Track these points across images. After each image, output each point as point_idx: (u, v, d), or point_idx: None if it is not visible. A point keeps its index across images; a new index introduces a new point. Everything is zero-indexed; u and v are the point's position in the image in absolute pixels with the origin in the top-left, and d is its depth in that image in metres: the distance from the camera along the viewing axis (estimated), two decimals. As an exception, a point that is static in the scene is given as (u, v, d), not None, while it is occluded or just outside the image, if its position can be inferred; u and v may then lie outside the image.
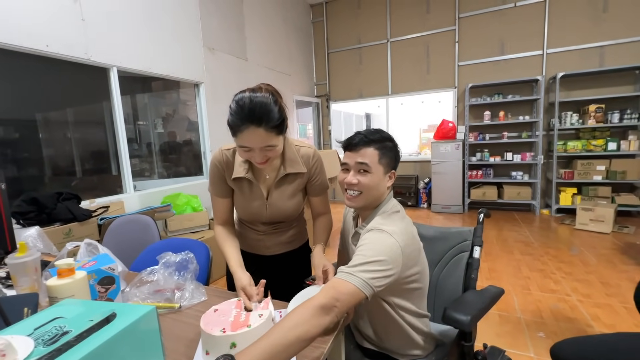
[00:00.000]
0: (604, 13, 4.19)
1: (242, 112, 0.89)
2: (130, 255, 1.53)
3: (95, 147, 3.25)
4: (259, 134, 0.90)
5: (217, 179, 1.11)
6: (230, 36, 4.02)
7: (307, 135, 6.61)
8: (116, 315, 0.61)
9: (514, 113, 4.79)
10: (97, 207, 2.37)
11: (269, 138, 0.92)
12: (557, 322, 2.03)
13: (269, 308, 0.83)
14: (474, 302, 1.01)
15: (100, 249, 1.10)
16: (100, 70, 2.70)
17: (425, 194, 5.32)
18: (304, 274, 1.27)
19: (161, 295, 0.99)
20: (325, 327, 0.70)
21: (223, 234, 1.13)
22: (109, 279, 0.89)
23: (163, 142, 4.01)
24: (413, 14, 5.26)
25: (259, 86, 0.94)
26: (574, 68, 4.30)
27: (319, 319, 0.69)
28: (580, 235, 3.63)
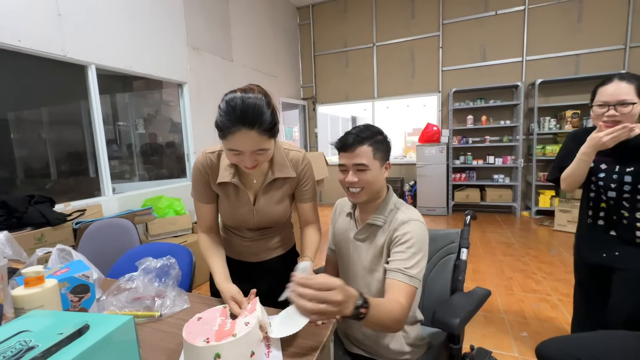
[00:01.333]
0: (578, 23, 4.38)
1: (234, 113, 0.83)
2: (108, 261, 1.46)
3: (72, 148, 3.11)
4: (251, 137, 0.85)
5: (200, 184, 1.05)
6: (215, 36, 3.96)
7: (293, 138, 6.58)
8: (89, 327, 0.57)
9: (495, 117, 4.92)
10: (72, 211, 2.26)
11: (261, 141, 0.88)
12: (539, 322, 2.07)
13: (257, 310, 0.80)
14: (462, 304, 1.01)
15: (74, 255, 1.03)
16: (78, 68, 2.59)
17: (411, 196, 5.38)
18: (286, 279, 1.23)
19: (140, 303, 0.94)
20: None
21: (207, 242, 1.07)
22: (82, 287, 0.83)
23: (144, 143, 3.89)
24: (398, 19, 5.34)
25: (250, 87, 0.89)
26: (551, 75, 4.47)
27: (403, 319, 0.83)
28: (558, 236, 3.75)
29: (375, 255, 1.00)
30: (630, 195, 1.25)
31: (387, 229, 0.98)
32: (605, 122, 1.21)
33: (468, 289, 1.15)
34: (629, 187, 1.24)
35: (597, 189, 1.34)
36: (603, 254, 1.34)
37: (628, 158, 1.24)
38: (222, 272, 1.00)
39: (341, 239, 1.10)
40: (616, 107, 1.19)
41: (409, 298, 0.85)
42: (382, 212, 1.00)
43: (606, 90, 1.23)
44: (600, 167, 1.32)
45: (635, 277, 1.25)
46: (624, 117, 1.18)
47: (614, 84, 1.22)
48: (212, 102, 3.41)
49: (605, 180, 1.30)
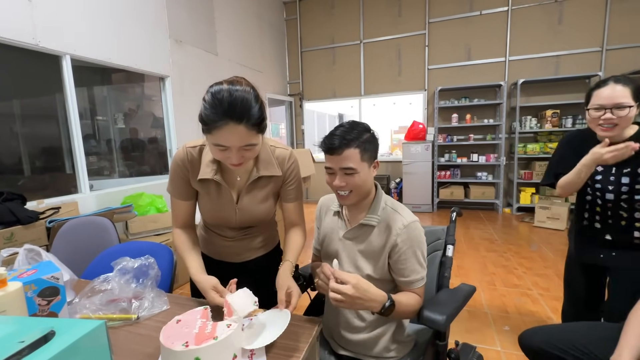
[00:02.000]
0: (559, 25, 4.50)
1: (221, 106, 0.78)
2: (83, 261, 1.39)
3: (46, 143, 2.97)
4: (239, 132, 0.81)
5: (179, 179, 1.00)
6: (199, 29, 3.85)
7: (279, 135, 6.51)
8: (55, 333, 0.52)
9: (479, 116, 5.01)
10: (45, 209, 2.15)
11: (249, 137, 0.83)
12: (520, 316, 2.12)
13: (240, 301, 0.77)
14: (449, 301, 1.00)
15: (44, 256, 0.97)
16: (52, 59, 2.46)
17: (397, 193, 5.42)
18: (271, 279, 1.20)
19: (116, 305, 0.89)
20: None
21: (182, 237, 1.03)
22: (51, 289, 0.78)
23: (125, 138, 3.75)
24: (385, 16, 5.35)
25: (237, 79, 0.84)
26: (533, 75, 4.58)
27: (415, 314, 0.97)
28: (538, 232, 3.86)
29: (370, 254, 0.98)
30: (628, 197, 1.24)
31: (385, 230, 0.96)
32: (601, 126, 1.21)
33: (453, 285, 1.16)
34: (627, 188, 1.23)
35: (594, 192, 1.33)
36: (600, 255, 1.33)
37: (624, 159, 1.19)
38: (198, 265, 0.97)
39: (329, 238, 1.07)
40: (612, 110, 1.18)
41: (423, 292, 0.99)
42: (375, 211, 0.98)
43: (602, 93, 1.21)
44: (597, 170, 1.30)
45: (631, 277, 1.26)
46: (621, 120, 1.17)
47: (609, 87, 1.20)
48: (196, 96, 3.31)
49: (602, 182, 1.29)
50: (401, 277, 0.96)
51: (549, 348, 1.06)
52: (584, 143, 1.31)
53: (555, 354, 1.05)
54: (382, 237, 0.96)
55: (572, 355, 1.02)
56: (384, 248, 0.96)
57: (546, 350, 1.07)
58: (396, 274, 0.97)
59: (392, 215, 0.98)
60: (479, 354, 1.33)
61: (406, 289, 0.97)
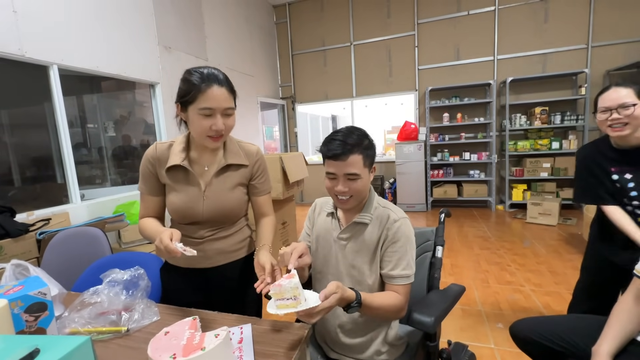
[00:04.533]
0: (545, 24, 4.57)
1: (203, 74, 0.93)
2: (75, 272, 1.38)
3: (36, 152, 2.94)
4: (222, 93, 0.93)
5: (148, 175, 1.05)
6: (188, 35, 3.84)
7: (273, 138, 6.51)
8: (39, 351, 0.53)
9: (470, 115, 5.06)
10: (35, 220, 2.13)
11: (230, 100, 0.96)
12: (513, 312, 2.15)
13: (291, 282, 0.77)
14: (438, 302, 1.02)
15: (32, 270, 0.96)
16: (39, 69, 2.44)
17: (391, 193, 5.45)
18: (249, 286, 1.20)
19: (105, 318, 0.89)
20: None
21: (146, 219, 1.06)
22: (39, 305, 0.78)
23: (116, 146, 3.73)
24: (375, 18, 5.39)
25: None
26: (521, 73, 4.64)
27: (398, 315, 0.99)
28: (530, 228, 3.91)
29: (365, 251, 1.00)
30: None
31: (378, 226, 0.99)
32: (611, 127, 1.27)
33: (446, 284, 1.17)
34: None
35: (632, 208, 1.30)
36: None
37: None
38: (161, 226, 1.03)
39: (322, 239, 1.08)
40: (618, 110, 1.24)
41: (407, 292, 0.97)
42: (368, 210, 1.01)
43: (607, 96, 1.28)
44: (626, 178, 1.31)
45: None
46: (629, 118, 1.22)
47: (612, 90, 1.27)
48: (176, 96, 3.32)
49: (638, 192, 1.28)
50: (385, 269, 0.98)
51: (537, 338, 1.10)
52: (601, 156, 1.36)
53: (542, 343, 1.09)
54: (376, 233, 0.99)
55: (557, 344, 1.06)
56: (378, 242, 0.99)
57: (534, 339, 1.11)
58: (382, 267, 0.99)
59: (384, 212, 1.01)
60: (471, 352, 1.35)
61: (389, 284, 0.98)
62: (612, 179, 1.34)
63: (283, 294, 0.77)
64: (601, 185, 1.36)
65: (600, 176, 1.36)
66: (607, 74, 4.34)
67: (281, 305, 0.77)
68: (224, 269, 1.11)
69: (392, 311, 0.94)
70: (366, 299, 0.87)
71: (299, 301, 0.76)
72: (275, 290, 0.77)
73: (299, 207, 1.17)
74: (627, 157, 1.30)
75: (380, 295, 0.95)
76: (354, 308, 0.85)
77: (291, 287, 0.76)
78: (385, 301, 0.93)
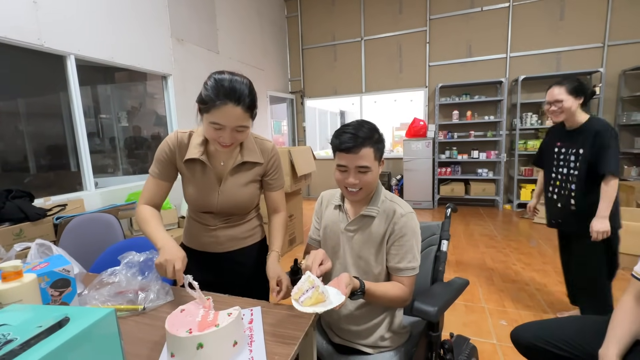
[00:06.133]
0: (560, 21, 4.48)
1: (222, 88, 0.91)
2: (90, 256, 1.44)
3: (51, 141, 3.02)
4: (236, 113, 0.92)
5: (164, 159, 1.07)
6: (200, 27, 3.88)
7: (281, 132, 6.54)
8: (69, 319, 0.57)
9: (480, 113, 5.01)
10: (52, 206, 2.20)
11: (244, 119, 0.95)
12: (517, 310, 2.16)
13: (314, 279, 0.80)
14: (441, 293, 1.04)
15: (54, 250, 1.02)
16: (56, 58, 2.51)
17: (398, 190, 5.45)
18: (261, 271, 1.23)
19: (123, 297, 0.94)
20: None
21: (148, 209, 1.06)
22: (63, 281, 0.82)
23: (128, 136, 3.81)
24: (386, 13, 5.35)
25: (236, 72, 0.98)
26: (534, 71, 4.57)
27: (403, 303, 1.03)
28: (538, 229, 3.89)
29: (371, 243, 1.03)
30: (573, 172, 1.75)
31: (385, 219, 1.02)
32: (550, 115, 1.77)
33: (449, 280, 1.19)
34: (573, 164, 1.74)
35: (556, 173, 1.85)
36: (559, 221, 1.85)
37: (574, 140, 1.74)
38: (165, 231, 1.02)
39: (330, 230, 1.11)
40: (555, 104, 1.71)
41: (412, 283, 1.01)
42: (375, 203, 1.03)
43: (549, 93, 1.75)
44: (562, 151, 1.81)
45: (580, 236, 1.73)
46: (561, 109, 1.70)
47: (552, 88, 1.73)
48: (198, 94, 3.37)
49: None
50: (391, 262, 1.01)
51: (541, 343, 1.09)
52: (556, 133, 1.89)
53: (546, 349, 1.08)
54: (383, 226, 1.02)
55: (562, 349, 1.05)
56: (384, 236, 1.01)
57: (538, 345, 1.10)
58: (388, 260, 1.02)
59: (391, 206, 1.04)
60: (473, 345, 1.38)
61: (395, 276, 1.01)
62: (554, 150, 1.85)
63: (302, 290, 0.80)
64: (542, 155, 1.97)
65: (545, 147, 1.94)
66: (623, 74, 4.26)
67: (306, 301, 0.78)
68: (236, 254, 1.17)
69: (396, 300, 0.99)
70: (370, 287, 0.91)
71: (317, 288, 0.78)
72: (294, 291, 0.81)
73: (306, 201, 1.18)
74: (568, 135, 1.78)
75: (385, 285, 0.99)
76: (358, 296, 0.90)
77: (306, 279, 0.80)
78: (389, 291, 0.97)
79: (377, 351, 1.05)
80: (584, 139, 1.68)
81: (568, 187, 1.76)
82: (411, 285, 1.01)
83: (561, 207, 1.80)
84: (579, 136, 1.70)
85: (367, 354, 1.05)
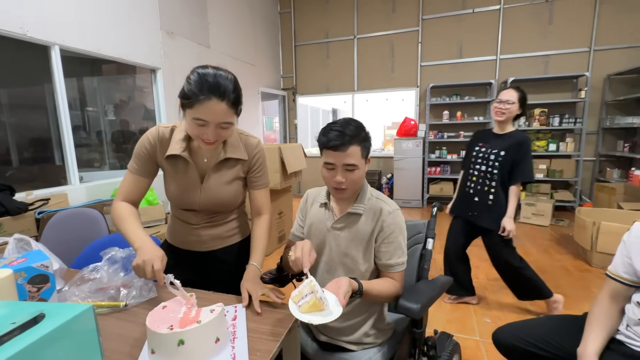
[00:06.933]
0: (549, 25, 4.57)
1: (206, 83, 0.87)
2: (73, 252, 1.41)
3: (35, 133, 2.95)
4: (221, 108, 0.89)
5: (144, 155, 1.03)
6: (191, 21, 3.82)
7: (273, 129, 6.51)
8: (45, 316, 0.56)
9: (469, 114, 5.08)
10: (34, 200, 2.15)
11: (228, 115, 0.91)
12: (500, 308, 2.21)
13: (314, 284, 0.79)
14: (425, 291, 1.06)
15: (33, 245, 0.99)
16: (40, 49, 2.43)
17: (388, 188, 5.49)
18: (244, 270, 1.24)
19: (104, 293, 0.92)
20: None
21: (125, 206, 1.01)
22: (41, 277, 0.81)
23: (115, 130, 3.74)
24: (380, 12, 5.36)
25: (220, 67, 0.95)
26: (522, 74, 4.65)
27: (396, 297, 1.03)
28: (523, 228, 3.97)
29: (358, 241, 1.03)
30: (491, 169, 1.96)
31: (372, 217, 1.03)
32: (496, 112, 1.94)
33: (434, 277, 1.21)
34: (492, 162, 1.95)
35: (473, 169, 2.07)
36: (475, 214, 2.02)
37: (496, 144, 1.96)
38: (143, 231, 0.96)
39: (315, 229, 1.11)
40: (504, 103, 1.89)
41: (402, 277, 1.05)
42: (362, 201, 1.04)
43: (503, 92, 1.93)
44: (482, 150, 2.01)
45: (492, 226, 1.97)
46: (506, 110, 1.89)
47: (507, 90, 1.92)
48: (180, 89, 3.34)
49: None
50: (382, 260, 1.02)
51: (520, 344, 1.12)
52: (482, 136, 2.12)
53: (526, 349, 1.10)
54: (370, 224, 1.03)
55: (542, 349, 1.08)
56: (372, 233, 1.02)
57: (518, 345, 1.12)
58: (378, 257, 1.03)
59: (377, 203, 1.05)
60: (456, 341, 1.40)
61: (386, 272, 1.03)
62: (475, 149, 2.03)
63: (302, 293, 0.79)
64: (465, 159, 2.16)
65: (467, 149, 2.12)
66: (608, 78, 4.37)
67: (304, 305, 0.77)
68: (219, 252, 1.15)
69: (390, 296, 1.02)
70: (367, 288, 0.94)
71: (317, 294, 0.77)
72: (294, 294, 0.80)
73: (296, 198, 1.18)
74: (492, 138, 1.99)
75: (379, 282, 1.01)
76: (356, 297, 0.92)
77: (307, 284, 0.80)
78: (384, 288, 0.99)
79: (360, 348, 1.06)
80: (508, 144, 1.90)
81: (487, 183, 1.96)
82: (402, 279, 1.05)
83: (478, 201, 1.99)
84: (503, 141, 1.93)
85: (351, 351, 1.05)
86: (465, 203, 2.08)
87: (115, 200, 1.04)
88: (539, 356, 1.09)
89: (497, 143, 1.95)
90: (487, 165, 1.96)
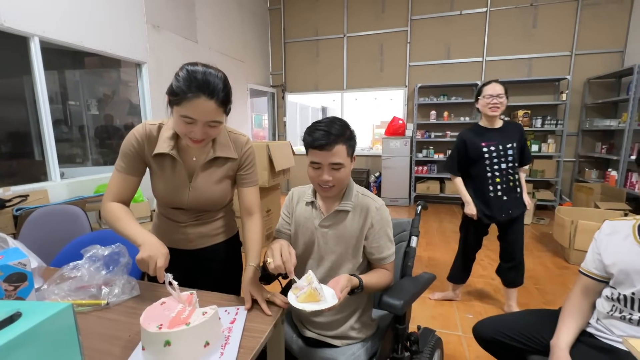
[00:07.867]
0: (533, 29, 4.68)
1: (195, 80, 0.86)
2: (53, 249, 1.38)
3: (13, 127, 2.85)
4: (209, 107, 0.87)
5: (131, 154, 1.00)
6: (178, 14, 3.75)
7: (262, 126, 6.47)
8: (21, 314, 0.55)
9: (456, 114, 5.17)
10: (12, 196, 2.08)
11: (217, 113, 0.90)
12: (482, 304, 2.27)
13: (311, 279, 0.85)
14: (408, 287, 1.08)
15: (10, 243, 0.97)
16: (19, 39, 2.35)
17: (376, 187, 5.54)
18: (233, 268, 1.22)
19: (85, 292, 0.91)
20: None
21: (119, 208, 0.98)
22: (18, 275, 0.79)
23: (99, 125, 3.64)
24: (369, 11, 5.38)
25: (210, 64, 0.93)
26: (507, 76, 4.76)
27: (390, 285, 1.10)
28: (506, 226, 4.07)
29: (347, 237, 1.05)
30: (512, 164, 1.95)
31: (360, 213, 1.05)
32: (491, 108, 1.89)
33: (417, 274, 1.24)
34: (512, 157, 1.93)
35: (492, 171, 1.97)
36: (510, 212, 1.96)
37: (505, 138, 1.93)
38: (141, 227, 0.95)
39: (302, 227, 1.11)
40: (497, 98, 1.87)
41: (393, 266, 1.11)
42: (349, 198, 1.06)
43: (491, 88, 1.90)
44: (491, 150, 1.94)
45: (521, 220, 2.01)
46: (500, 104, 1.88)
47: (494, 84, 1.90)
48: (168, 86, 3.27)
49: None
50: (375, 255, 1.06)
51: (499, 337, 1.16)
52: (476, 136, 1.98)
53: (504, 341, 1.14)
54: (359, 221, 1.04)
55: (520, 342, 1.12)
56: (362, 230, 1.04)
57: (496, 339, 1.16)
58: (371, 253, 1.06)
59: (364, 200, 1.07)
60: (438, 337, 1.44)
61: (378, 265, 1.07)
62: (483, 150, 1.93)
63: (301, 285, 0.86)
64: (458, 163, 2.05)
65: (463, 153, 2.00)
66: (587, 82, 4.51)
67: (301, 297, 0.83)
68: (206, 251, 1.14)
69: (385, 285, 1.07)
70: (366, 282, 0.97)
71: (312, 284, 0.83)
72: (295, 286, 0.87)
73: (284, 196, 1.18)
74: (492, 134, 1.95)
75: (375, 275, 1.04)
76: (357, 292, 0.95)
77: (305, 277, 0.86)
78: (381, 280, 1.04)
79: (345, 343, 1.07)
80: (512, 134, 1.94)
81: (511, 179, 1.96)
82: (393, 268, 1.11)
83: (508, 199, 1.96)
84: (506, 134, 1.94)
85: (336, 347, 1.07)
86: (496, 207, 1.96)
87: (106, 202, 1.01)
88: (517, 348, 1.13)
89: (502, 137, 1.93)
90: (507, 162, 1.92)
